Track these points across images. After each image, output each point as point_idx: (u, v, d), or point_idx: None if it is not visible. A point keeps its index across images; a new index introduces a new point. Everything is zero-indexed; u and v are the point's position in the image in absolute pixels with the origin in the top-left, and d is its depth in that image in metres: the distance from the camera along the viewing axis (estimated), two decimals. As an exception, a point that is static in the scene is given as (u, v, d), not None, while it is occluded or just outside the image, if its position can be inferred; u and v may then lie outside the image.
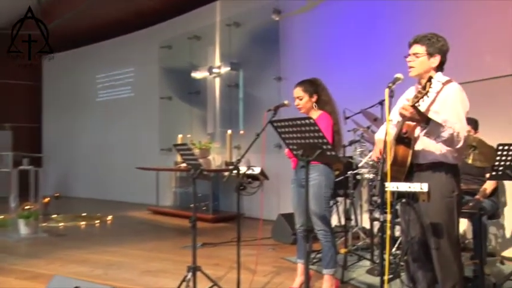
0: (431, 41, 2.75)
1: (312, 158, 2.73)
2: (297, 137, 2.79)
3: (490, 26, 5.09)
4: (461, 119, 2.62)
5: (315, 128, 2.68)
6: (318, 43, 7.19)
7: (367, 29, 6.50)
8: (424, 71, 2.75)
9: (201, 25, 9.24)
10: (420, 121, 2.53)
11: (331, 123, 3.62)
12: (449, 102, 2.65)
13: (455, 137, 2.55)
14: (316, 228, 3.62)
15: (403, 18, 5.93)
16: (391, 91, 2.51)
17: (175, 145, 4.14)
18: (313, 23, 7.31)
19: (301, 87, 3.73)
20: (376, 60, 6.17)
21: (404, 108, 2.47)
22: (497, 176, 3.28)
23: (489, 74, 5.05)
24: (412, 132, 2.69)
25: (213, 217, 7.76)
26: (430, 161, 2.69)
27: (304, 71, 6.63)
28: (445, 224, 2.64)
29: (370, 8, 6.47)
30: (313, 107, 3.72)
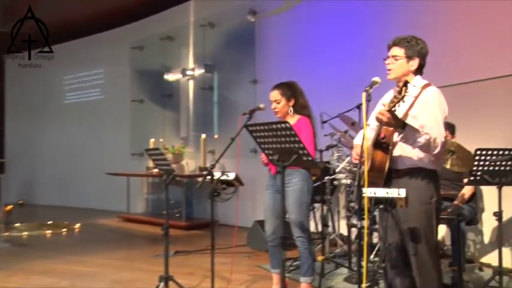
0: (410, 43, 2.78)
1: (288, 163, 2.74)
2: (272, 142, 2.79)
3: (471, 28, 5.19)
4: (439, 124, 2.65)
5: (291, 133, 2.69)
6: (294, 45, 7.23)
7: (344, 31, 6.56)
8: (403, 74, 2.78)
9: (174, 25, 9.19)
10: (396, 126, 2.56)
11: (312, 128, 3.64)
12: (427, 106, 2.68)
13: (432, 143, 2.58)
14: (295, 235, 3.62)
15: (382, 20, 6.01)
16: (368, 95, 2.54)
17: (147, 150, 4.10)
18: (289, 24, 7.35)
19: (278, 90, 3.74)
20: (354, 63, 6.23)
21: (381, 113, 2.49)
22: (475, 181, 3.36)
23: (467, 77, 5.15)
24: (390, 137, 2.71)
25: (186, 224, 7.71)
26: (408, 166, 2.72)
27: (280, 74, 6.67)
28: (423, 231, 2.67)
29: (348, 9, 6.54)
30: (290, 111, 3.73)
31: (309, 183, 3.63)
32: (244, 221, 6.64)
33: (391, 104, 2.44)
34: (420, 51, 2.79)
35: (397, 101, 2.41)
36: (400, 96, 2.40)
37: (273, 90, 3.75)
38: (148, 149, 4.25)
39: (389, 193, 2.46)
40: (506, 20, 4.87)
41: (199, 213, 8.36)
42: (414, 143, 2.57)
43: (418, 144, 2.57)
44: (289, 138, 2.71)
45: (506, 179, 3.24)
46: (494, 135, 4.77)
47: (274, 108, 3.73)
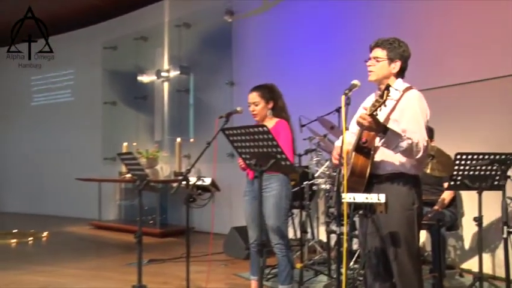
0: (392, 45, 2.82)
1: (265, 168, 2.74)
2: (249, 146, 2.79)
3: (452, 31, 5.28)
4: (421, 128, 2.68)
5: (268, 136, 2.69)
6: (272, 47, 7.26)
7: (324, 33, 6.61)
8: (384, 76, 2.82)
9: (149, 25, 9.14)
10: (378, 131, 2.57)
11: (290, 131, 3.66)
12: (409, 110, 2.71)
13: (414, 147, 2.60)
14: (273, 242, 3.63)
15: (363, 21, 6.07)
16: (347, 98, 2.56)
17: (119, 154, 4.07)
18: (267, 25, 7.37)
19: (257, 92, 3.75)
20: (334, 66, 6.28)
21: (362, 117, 2.51)
22: (455, 186, 3.41)
23: (447, 80, 5.24)
24: (372, 141, 2.73)
25: (160, 231, 7.65)
26: (390, 171, 2.75)
27: (258, 76, 6.67)
28: (405, 237, 2.69)
29: (327, 10, 6.59)
30: (268, 114, 3.74)
31: (287, 188, 3.64)
32: (220, 227, 6.62)
33: (372, 108, 2.46)
34: (402, 53, 2.83)
35: (378, 105, 2.43)
36: (381, 100, 2.42)
37: (252, 92, 3.76)
38: (121, 153, 4.21)
39: (368, 198, 2.48)
40: (487, 23, 4.97)
41: (174, 220, 8.31)
42: (396, 148, 2.60)
43: (400, 149, 2.59)
44: (267, 143, 2.72)
45: (486, 183, 3.29)
46: (475, 139, 4.86)
47: (253, 110, 3.74)
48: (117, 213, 9.33)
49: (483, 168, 3.28)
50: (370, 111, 2.47)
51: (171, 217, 8.42)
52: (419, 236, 2.83)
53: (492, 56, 4.90)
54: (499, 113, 4.83)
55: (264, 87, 3.78)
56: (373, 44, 2.88)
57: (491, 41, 4.92)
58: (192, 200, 3.40)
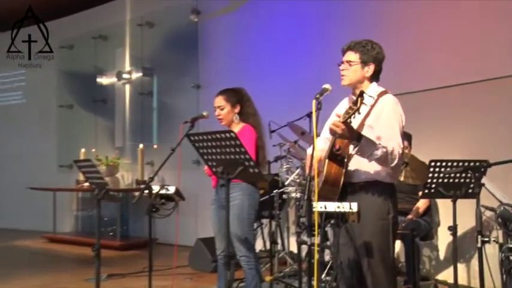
0: (365, 48, 2.86)
1: (233, 176, 2.75)
2: (216, 153, 2.80)
3: (428, 33, 5.40)
4: (396, 135, 2.73)
5: (236, 143, 2.71)
6: (241, 48, 7.29)
7: (295, 34, 6.68)
8: (357, 81, 2.87)
9: (108, 23, 9.05)
10: (351, 138, 2.61)
11: (254, 137, 3.67)
12: (383, 116, 2.76)
13: (389, 155, 2.65)
14: (239, 254, 3.63)
15: (337, 23, 6.15)
16: (318, 103, 2.58)
17: (76, 161, 4.01)
18: (235, 25, 7.40)
19: (223, 95, 3.77)
20: (305, 69, 6.35)
21: (335, 125, 2.54)
22: (429, 194, 3.47)
23: (422, 85, 5.37)
24: (346, 149, 2.77)
25: (121, 244, 7.57)
26: (364, 180, 2.79)
27: (226, 79, 6.71)
28: (379, 248, 2.74)
29: (299, 10, 6.65)
30: (235, 118, 3.76)
31: (251, 197, 3.65)
32: (185, 239, 6.58)
33: (345, 115, 2.49)
34: (376, 56, 2.87)
35: (352, 112, 2.46)
36: (355, 107, 2.45)
37: (217, 96, 3.79)
38: (78, 160, 4.16)
39: (340, 207, 2.51)
40: (467, 26, 5.10)
41: (136, 232, 8.22)
42: (371, 156, 2.64)
43: (375, 157, 2.64)
44: (235, 149, 2.73)
45: (460, 191, 3.35)
46: (452, 146, 4.98)
47: (218, 115, 3.76)
48: (73, 225, 9.17)
49: (457, 175, 3.35)
50: (344, 118, 2.50)
51: (132, 228, 8.33)
52: (395, 246, 2.89)
53: (470, 60, 5.03)
54: (477, 119, 4.96)
55: (231, 91, 3.81)
56: (346, 47, 2.92)
57: (471, 44, 5.05)
58: (155, 209, 3.38)
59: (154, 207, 3.37)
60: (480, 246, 3.15)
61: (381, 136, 2.68)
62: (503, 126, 4.80)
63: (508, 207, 3.52)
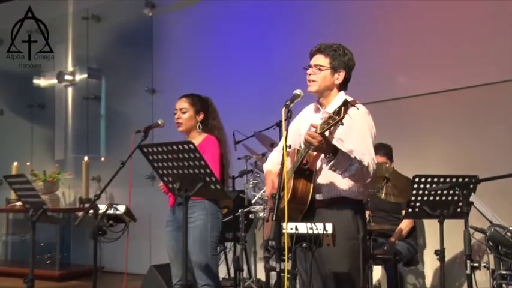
0: (337, 52, 2.94)
1: (192, 193, 2.76)
2: (173, 167, 2.81)
3: (403, 35, 5.56)
4: (369, 149, 2.82)
5: (196, 155, 2.72)
6: (203, 48, 7.29)
7: (263, 34, 6.74)
8: (326, 88, 2.94)
9: (47, 15, 8.93)
10: (327, 152, 2.66)
11: (218, 150, 3.71)
12: (355, 128, 2.82)
13: (365, 171, 2.73)
14: (200, 283, 3.62)
15: (309, 25, 6.23)
16: (288, 111, 2.62)
17: (6, 177, 3.93)
18: (197, 22, 7.41)
19: (187, 98, 3.83)
20: (274, 73, 6.41)
21: (311, 136, 2.57)
22: (414, 214, 3.54)
23: (397, 92, 5.52)
24: (314, 163, 2.84)
25: (60, 274, 7.43)
26: (332, 196, 2.86)
27: (185, 83, 6.72)
28: (349, 271, 2.79)
29: (268, 9, 6.70)
30: (197, 127, 3.79)
31: (214, 217, 3.66)
32: (137, 266, 6.52)
33: (324, 125, 2.52)
34: (347, 62, 2.96)
35: (333, 123, 2.48)
36: (337, 118, 2.47)
37: (181, 98, 3.85)
38: (9, 175, 4.10)
39: (313, 229, 2.55)
40: (449, 31, 5.27)
41: (79, 259, 8.10)
42: (345, 172, 2.70)
43: (349, 173, 2.70)
44: (194, 163, 2.74)
45: (448, 211, 3.41)
46: (436, 159, 5.11)
47: (178, 118, 3.78)
48: (2, 252, 8.97)
49: (444, 193, 3.42)
50: (321, 129, 2.53)
51: (74, 255, 8.20)
52: (366, 270, 2.94)
53: (455, 65, 5.19)
54: (463, 129, 5.10)
55: (197, 96, 3.87)
56: (315, 49, 2.99)
57: (455, 49, 5.22)
58: (102, 233, 3.35)
59: (101, 229, 3.35)
60: (470, 273, 3.20)
61: (354, 150, 2.76)
62: (495, 136, 4.95)
63: (499, 228, 3.59)
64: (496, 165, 4.54)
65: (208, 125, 3.84)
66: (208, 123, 3.84)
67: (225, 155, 3.79)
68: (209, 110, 3.87)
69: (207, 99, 3.90)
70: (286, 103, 2.65)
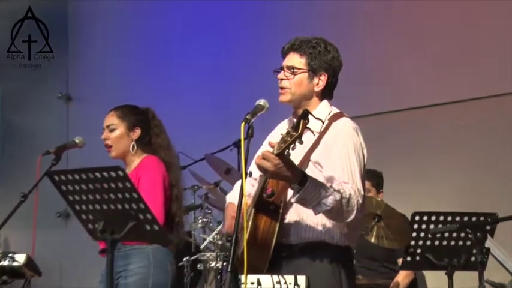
0: (316, 49, 2.92)
1: (120, 236, 2.74)
2: (94, 200, 2.78)
3: (395, 38, 5.73)
4: (354, 176, 2.78)
5: (125, 185, 2.70)
6: (137, 46, 7.33)
7: (217, 32, 6.83)
8: (302, 96, 2.92)
9: None
10: (291, 179, 2.61)
11: (161, 175, 3.68)
12: (337, 149, 2.81)
13: (345, 206, 2.67)
14: None
15: (277, 24, 6.29)
16: (250, 127, 2.64)
17: None
18: (130, 13, 7.48)
19: (116, 111, 3.76)
20: (232, 79, 6.49)
21: (266, 158, 2.54)
22: (414, 263, 3.57)
23: (392, 105, 5.65)
24: (281, 194, 2.80)
25: None
26: (306, 240, 2.83)
27: (111, 88, 6.69)
28: None
29: (224, 8, 6.81)
30: (132, 148, 3.78)
31: (160, 270, 3.61)
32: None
33: (282, 144, 2.48)
34: (331, 62, 2.93)
35: (291, 140, 2.44)
36: (295, 134, 2.43)
37: (109, 112, 3.77)
38: None
39: (281, 283, 2.55)
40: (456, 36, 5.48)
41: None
42: (318, 206, 2.65)
43: (325, 208, 2.65)
44: (124, 195, 2.72)
45: (458, 260, 3.44)
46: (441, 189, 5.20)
47: (105, 138, 3.72)
48: None
49: (453, 236, 3.46)
50: (279, 148, 2.49)
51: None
52: None
53: (462, 74, 5.39)
54: (477, 155, 5.20)
55: (131, 107, 3.82)
56: (288, 45, 2.97)
57: (463, 57, 5.43)
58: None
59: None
60: None
61: (334, 177, 2.73)
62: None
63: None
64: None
65: (152, 145, 3.80)
66: (150, 141, 3.81)
67: (176, 182, 3.75)
68: (150, 125, 3.81)
69: (146, 111, 3.86)
70: (246, 117, 2.65)
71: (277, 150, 2.50)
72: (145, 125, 3.80)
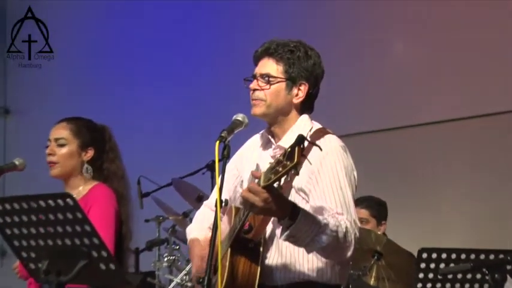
0: (295, 54, 2.93)
1: (68, 278, 2.72)
2: (38, 235, 2.76)
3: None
4: (348, 205, 2.78)
5: (76, 216, 2.69)
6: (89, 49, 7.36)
7: (182, 34, 6.93)
8: (279, 110, 2.92)
9: None
10: (281, 215, 2.59)
11: (114, 208, 3.67)
12: (326, 173, 2.81)
13: (342, 242, 2.67)
14: None
15: (254, 27, 6.39)
16: (225, 146, 2.64)
17: None
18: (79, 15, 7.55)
19: (70, 123, 3.75)
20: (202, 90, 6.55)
21: (253, 192, 2.50)
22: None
23: (388, 122, 5.74)
24: (261, 229, 2.81)
25: None
26: (293, 281, 2.83)
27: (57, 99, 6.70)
28: None
29: (189, 7, 6.90)
30: (83, 171, 3.75)
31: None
32: None
33: (270, 174, 2.43)
34: (312, 69, 2.95)
35: (284, 171, 2.37)
36: (289, 164, 2.34)
37: (60, 123, 3.76)
38: None
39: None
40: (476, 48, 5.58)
41: None
42: (311, 244, 2.65)
43: (319, 246, 2.66)
44: (74, 228, 2.69)
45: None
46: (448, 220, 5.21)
47: (50, 153, 3.69)
48: None
49: (467, 277, 3.46)
50: (267, 180, 2.44)
51: None
52: None
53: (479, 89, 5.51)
54: (492, 171, 5.26)
55: (87, 123, 3.82)
56: (261, 50, 2.98)
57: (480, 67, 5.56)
58: None
59: None
60: None
61: (325, 208, 2.73)
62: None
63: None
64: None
65: (103, 171, 3.79)
66: (102, 166, 3.79)
67: (126, 218, 3.74)
68: (105, 147, 3.81)
69: (102, 129, 3.85)
70: (221, 135, 2.66)
71: (264, 182, 2.45)
72: (100, 146, 3.79)
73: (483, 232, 5.03)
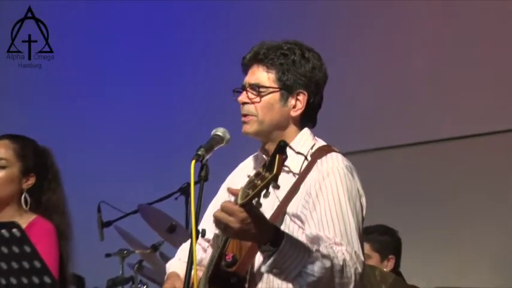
0: (289, 58, 2.87)
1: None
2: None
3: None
4: (350, 234, 2.73)
5: (23, 250, 2.67)
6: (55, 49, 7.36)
7: (155, 35, 6.98)
8: (274, 125, 2.86)
9: None
10: (260, 238, 2.56)
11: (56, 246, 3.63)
12: (325, 197, 2.77)
13: (337, 277, 2.62)
14: None
15: (238, 30, 6.42)
16: (203, 166, 2.60)
17: None
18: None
19: (15, 144, 3.72)
20: (176, 99, 6.57)
21: (227, 211, 2.46)
22: None
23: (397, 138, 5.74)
24: (247, 261, 2.76)
25: None
26: None
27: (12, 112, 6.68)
28: None
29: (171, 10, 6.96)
30: (21, 201, 3.71)
31: None
32: None
33: (249, 190, 2.39)
34: (311, 75, 2.90)
35: (262, 184, 2.32)
36: (268, 175, 2.31)
37: (2, 140, 3.72)
38: None
39: None
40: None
41: None
42: (299, 278, 2.61)
43: (309, 280, 2.61)
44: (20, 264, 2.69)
45: None
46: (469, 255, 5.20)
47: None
48: None
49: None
50: (245, 197, 2.40)
51: None
52: None
53: None
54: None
55: (32, 145, 3.80)
56: (250, 55, 2.92)
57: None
58: None
59: None
60: None
61: (321, 237, 2.68)
62: None
63: None
64: None
65: (43, 202, 3.76)
66: (41, 197, 3.76)
67: (67, 260, 3.70)
68: (48, 175, 3.80)
69: (45, 153, 3.85)
70: (197, 153, 2.60)
71: (242, 200, 2.39)
72: (42, 173, 3.76)
73: (508, 272, 5.02)
